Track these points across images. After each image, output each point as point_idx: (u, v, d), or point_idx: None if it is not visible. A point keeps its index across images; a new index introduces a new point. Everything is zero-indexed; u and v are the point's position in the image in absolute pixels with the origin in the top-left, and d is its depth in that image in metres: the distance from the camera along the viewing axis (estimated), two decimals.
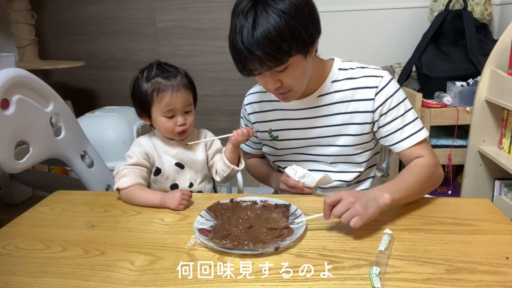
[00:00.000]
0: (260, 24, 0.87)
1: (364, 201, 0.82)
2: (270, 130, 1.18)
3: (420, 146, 1.05)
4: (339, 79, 1.08)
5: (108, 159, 1.79)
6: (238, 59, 0.92)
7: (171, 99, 1.05)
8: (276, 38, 0.87)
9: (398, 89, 1.06)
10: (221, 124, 3.20)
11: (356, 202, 0.81)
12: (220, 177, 1.15)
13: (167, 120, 1.07)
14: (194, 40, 3.10)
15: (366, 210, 0.81)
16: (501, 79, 1.73)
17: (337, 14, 2.70)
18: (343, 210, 0.81)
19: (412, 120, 1.06)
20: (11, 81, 1.25)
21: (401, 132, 1.05)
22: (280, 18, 0.86)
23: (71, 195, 1.14)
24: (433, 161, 1.03)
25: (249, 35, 0.87)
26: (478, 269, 0.71)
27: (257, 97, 1.21)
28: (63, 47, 3.27)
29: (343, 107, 1.08)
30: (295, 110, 1.12)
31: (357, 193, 0.84)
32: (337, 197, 0.83)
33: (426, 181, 0.99)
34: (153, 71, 1.07)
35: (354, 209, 0.80)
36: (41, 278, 0.74)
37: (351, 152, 1.11)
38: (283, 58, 0.90)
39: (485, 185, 2.01)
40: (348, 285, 0.68)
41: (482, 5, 2.32)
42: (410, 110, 1.07)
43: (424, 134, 1.06)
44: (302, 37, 0.90)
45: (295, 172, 1.08)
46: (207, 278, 0.71)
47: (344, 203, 0.81)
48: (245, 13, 0.88)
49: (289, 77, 0.96)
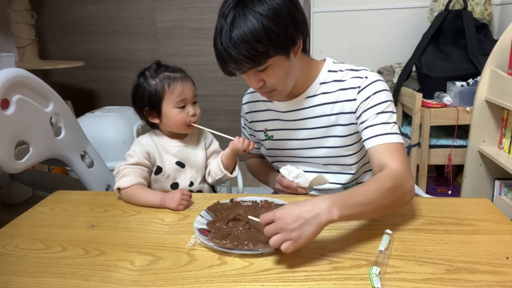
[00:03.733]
0: (237, 26, 0.88)
1: (298, 225, 0.71)
2: (265, 130, 1.18)
3: (389, 150, 0.95)
4: (327, 81, 1.08)
5: (108, 159, 1.79)
6: (219, 59, 0.95)
7: (182, 89, 1.08)
8: (251, 40, 0.88)
9: (381, 90, 1.01)
10: (221, 124, 3.20)
11: (289, 225, 0.71)
12: (212, 179, 1.16)
13: (179, 111, 1.09)
14: (194, 40, 3.10)
15: (301, 235, 0.71)
16: (501, 79, 1.74)
17: (337, 14, 2.70)
18: (273, 233, 0.72)
19: (388, 122, 0.99)
20: (11, 81, 1.25)
21: (371, 129, 0.99)
22: (257, 20, 0.88)
23: (71, 195, 1.14)
24: (400, 173, 0.89)
25: (226, 36, 0.90)
26: (478, 269, 0.71)
27: (253, 97, 1.22)
28: (63, 47, 3.27)
29: (328, 109, 1.07)
30: (286, 112, 1.13)
31: (292, 215, 0.72)
32: (270, 218, 0.74)
33: (389, 196, 0.83)
34: (158, 68, 1.10)
35: (286, 233, 0.71)
36: (41, 278, 0.74)
37: (341, 153, 1.10)
38: (259, 60, 0.91)
39: (485, 185, 2.01)
40: (348, 285, 0.68)
41: (482, 5, 2.32)
42: (389, 113, 1.00)
43: (396, 139, 0.96)
44: (279, 38, 0.90)
45: (289, 172, 1.09)
46: (207, 278, 0.71)
47: (276, 227, 0.72)
48: (225, 15, 0.91)
49: (270, 77, 0.97)
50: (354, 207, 0.78)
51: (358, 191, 0.82)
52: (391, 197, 0.84)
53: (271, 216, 0.74)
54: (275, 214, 0.73)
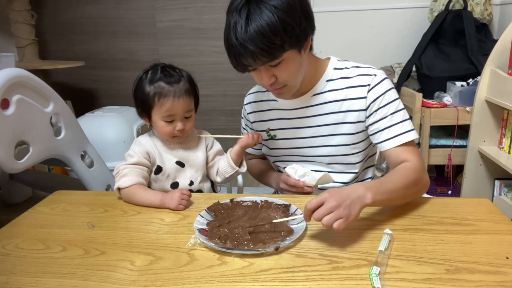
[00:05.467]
0: (253, 19, 0.89)
1: (347, 204, 0.78)
2: (268, 130, 1.18)
3: (407, 148, 1.02)
4: (333, 78, 1.09)
5: (108, 159, 1.79)
6: (232, 55, 0.94)
7: (171, 105, 1.04)
8: (268, 33, 0.88)
9: (390, 89, 1.06)
10: (221, 124, 3.19)
11: (339, 206, 0.77)
12: (221, 178, 1.16)
13: (166, 124, 1.07)
14: (194, 40, 3.10)
15: (350, 212, 0.78)
16: (501, 79, 1.74)
17: (337, 14, 2.70)
18: (325, 214, 0.76)
19: (401, 120, 1.04)
20: (11, 81, 1.25)
21: (388, 131, 1.04)
22: (273, 13, 0.88)
23: (71, 195, 1.14)
24: (420, 167, 0.99)
25: (242, 30, 0.89)
26: (478, 269, 0.71)
27: (256, 97, 1.22)
28: (63, 47, 3.27)
29: (336, 106, 1.08)
30: (291, 110, 1.13)
31: (340, 196, 0.79)
32: (319, 201, 0.78)
33: (412, 187, 0.94)
34: (157, 74, 1.06)
35: (338, 212, 0.76)
36: (41, 278, 0.74)
37: (346, 152, 1.10)
38: (276, 53, 0.92)
39: (485, 185, 2.01)
40: (348, 285, 0.68)
41: (482, 5, 2.32)
42: (401, 111, 1.04)
43: (412, 136, 1.03)
44: (295, 32, 0.91)
45: (295, 171, 1.08)
46: (207, 278, 0.71)
47: (327, 207, 0.77)
48: (239, 10, 0.90)
49: (283, 72, 0.97)
50: (384, 194, 0.87)
51: (387, 181, 0.92)
52: (413, 188, 0.95)
53: (318, 200, 0.78)
54: (322, 198, 0.78)
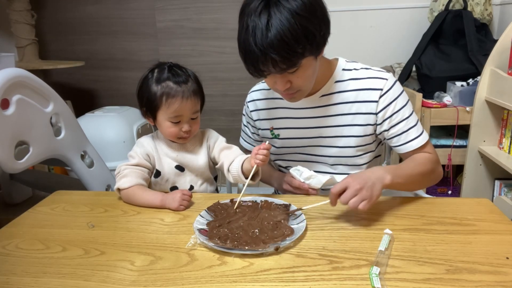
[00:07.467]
0: (274, 25, 0.84)
1: (369, 185, 0.85)
2: (272, 128, 1.17)
3: (424, 147, 1.08)
4: (343, 79, 1.08)
5: (108, 159, 1.79)
6: (250, 61, 0.91)
7: (180, 106, 1.03)
8: (290, 41, 0.85)
9: (402, 92, 1.07)
10: (221, 124, 3.19)
11: (362, 189, 0.84)
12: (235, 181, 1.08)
13: (172, 125, 1.05)
14: (194, 40, 3.10)
15: (372, 193, 0.85)
16: (501, 79, 1.73)
17: (337, 14, 2.70)
18: (350, 197, 0.83)
19: (416, 123, 1.08)
20: (11, 81, 1.25)
21: (406, 135, 1.07)
22: (294, 19, 0.85)
23: (71, 195, 1.14)
24: (436, 158, 1.07)
25: (263, 36, 0.85)
26: (478, 269, 0.71)
27: (261, 95, 1.20)
28: (63, 47, 3.27)
29: (346, 108, 1.07)
30: (298, 109, 1.12)
31: (362, 179, 0.86)
32: (343, 186, 0.85)
33: (428, 175, 1.03)
34: (164, 73, 1.04)
35: (361, 194, 0.83)
36: (41, 278, 0.74)
37: (352, 153, 1.10)
38: (296, 61, 0.89)
39: (485, 185, 2.01)
40: (348, 285, 0.68)
41: (482, 5, 2.32)
42: (413, 113, 1.09)
43: (426, 137, 1.08)
44: (315, 38, 0.89)
45: (300, 173, 1.07)
46: (207, 278, 0.71)
47: (352, 191, 0.83)
48: (258, 13, 0.86)
49: (299, 78, 0.95)
50: (401, 177, 0.94)
51: (405, 166, 0.99)
52: (429, 176, 1.05)
53: (342, 184, 0.85)
54: (345, 183, 0.85)
